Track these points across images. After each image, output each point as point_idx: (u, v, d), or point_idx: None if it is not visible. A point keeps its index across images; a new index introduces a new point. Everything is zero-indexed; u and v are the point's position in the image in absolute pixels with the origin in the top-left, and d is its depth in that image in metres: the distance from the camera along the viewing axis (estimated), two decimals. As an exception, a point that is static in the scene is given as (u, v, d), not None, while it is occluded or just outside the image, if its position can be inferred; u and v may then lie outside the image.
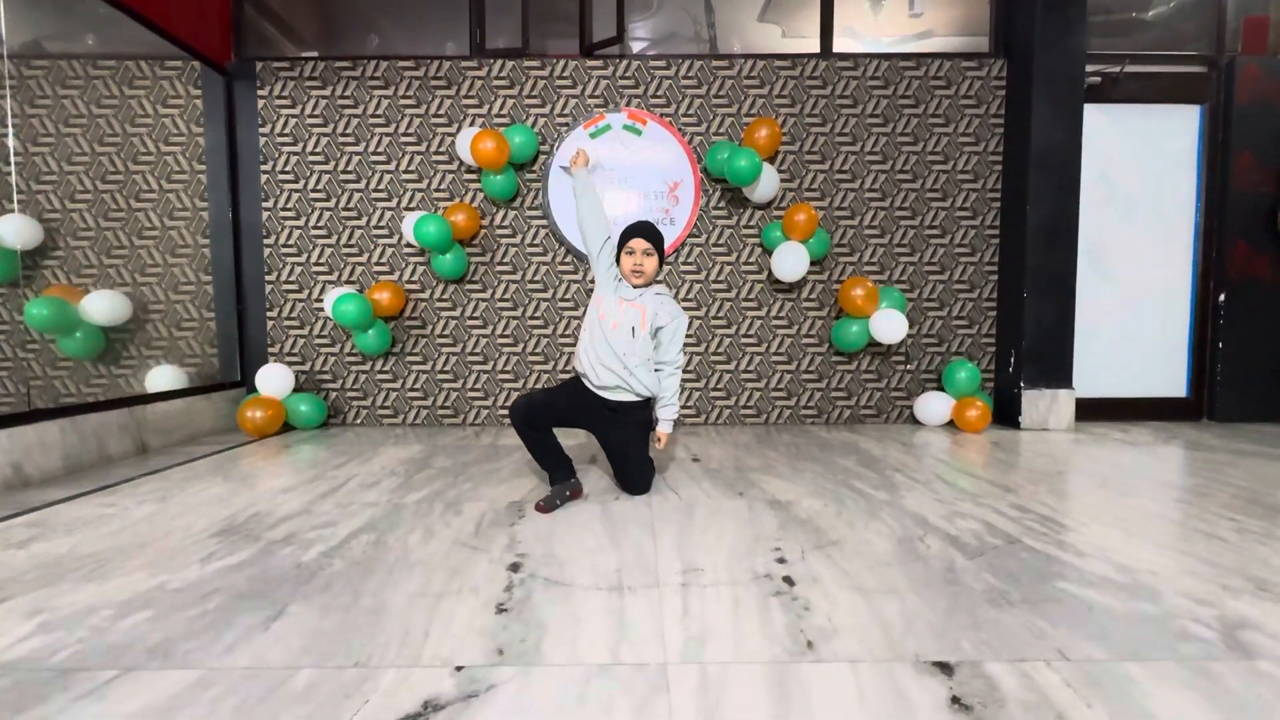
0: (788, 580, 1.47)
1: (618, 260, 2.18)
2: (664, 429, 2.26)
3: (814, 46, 3.69)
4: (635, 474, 2.18)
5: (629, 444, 2.17)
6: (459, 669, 1.10)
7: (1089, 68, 3.58)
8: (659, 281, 2.18)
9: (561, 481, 2.11)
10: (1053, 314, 3.48)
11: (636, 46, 3.89)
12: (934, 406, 3.54)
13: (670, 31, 4.29)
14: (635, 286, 2.15)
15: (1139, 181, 3.76)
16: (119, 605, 1.36)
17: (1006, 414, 3.60)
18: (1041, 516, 1.94)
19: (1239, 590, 1.42)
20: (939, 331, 3.70)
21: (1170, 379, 3.82)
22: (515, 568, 1.56)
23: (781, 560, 1.59)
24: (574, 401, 2.16)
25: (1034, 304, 3.47)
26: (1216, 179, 3.71)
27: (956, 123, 3.62)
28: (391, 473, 2.53)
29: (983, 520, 1.90)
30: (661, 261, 2.18)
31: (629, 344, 2.10)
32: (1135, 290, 3.79)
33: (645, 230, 2.14)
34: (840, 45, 3.71)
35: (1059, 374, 3.50)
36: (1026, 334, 3.48)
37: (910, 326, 3.64)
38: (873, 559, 1.60)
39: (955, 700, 1.01)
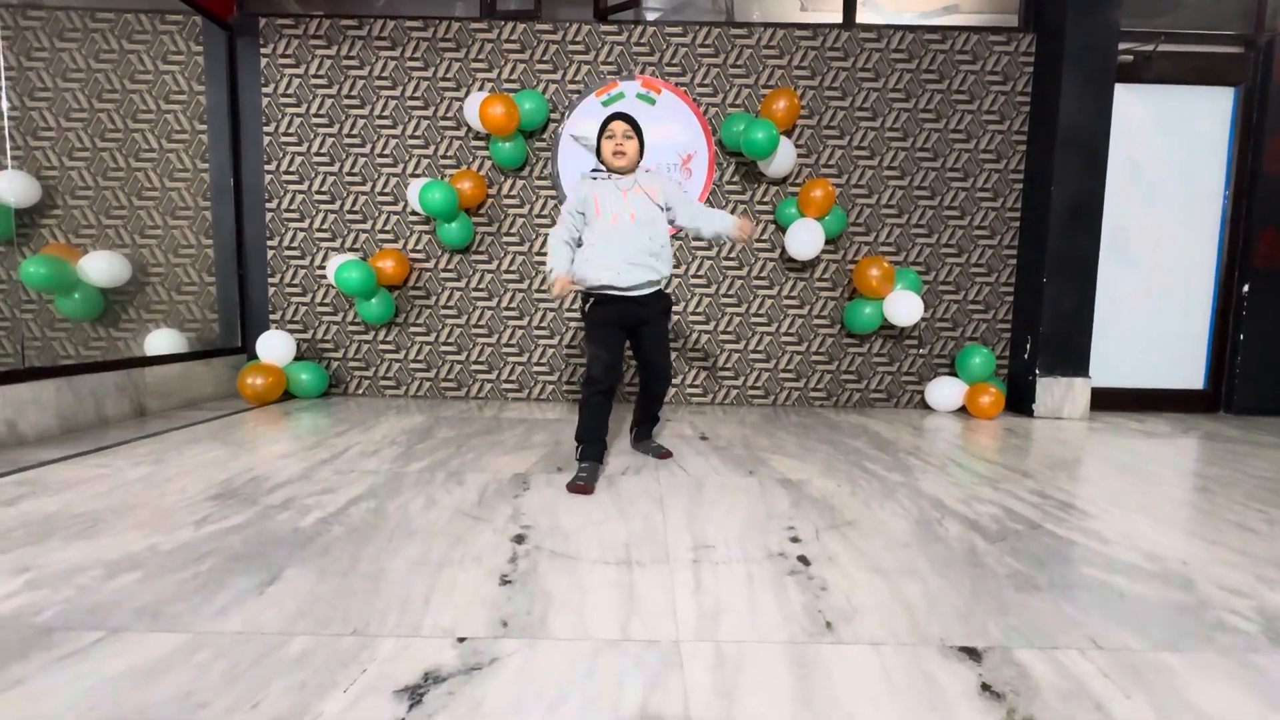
0: (803, 559, 1.41)
1: (599, 152, 2.14)
2: (733, 230, 2.14)
3: (834, 19, 3.56)
4: (663, 357, 2.19)
5: (660, 335, 2.17)
6: (461, 640, 1.05)
7: (1121, 45, 3.45)
8: (640, 168, 2.19)
9: (595, 460, 2.03)
10: (1072, 300, 3.39)
11: (651, 15, 3.76)
12: (946, 392, 3.47)
13: (685, 1, 4.16)
14: (618, 170, 2.10)
15: (1166, 165, 3.64)
16: (108, 565, 1.31)
17: (1020, 401, 3.52)
18: (1062, 503, 1.88)
19: (1276, 582, 1.36)
20: (954, 315, 3.62)
21: (1188, 370, 3.74)
22: (519, 539, 1.50)
23: (795, 539, 1.53)
24: (614, 324, 2.10)
25: (1053, 289, 3.38)
26: (1247, 164, 3.59)
27: (981, 99, 3.50)
28: (393, 442, 2.48)
29: (1002, 505, 1.84)
30: (642, 148, 2.15)
31: (651, 228, 2.07)
32: (1156, 277, 3.69)
33: (625, 115, 2.12)
34: (862, 17, 3.57)
35: (1076, 362, 3.42)
36: (1044, 320, 3.39)
37: (925, 309, 3.55)
38: (891, 539, 1.55)
39: (985, 687, 0.96)
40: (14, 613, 1.11)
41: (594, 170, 2.19)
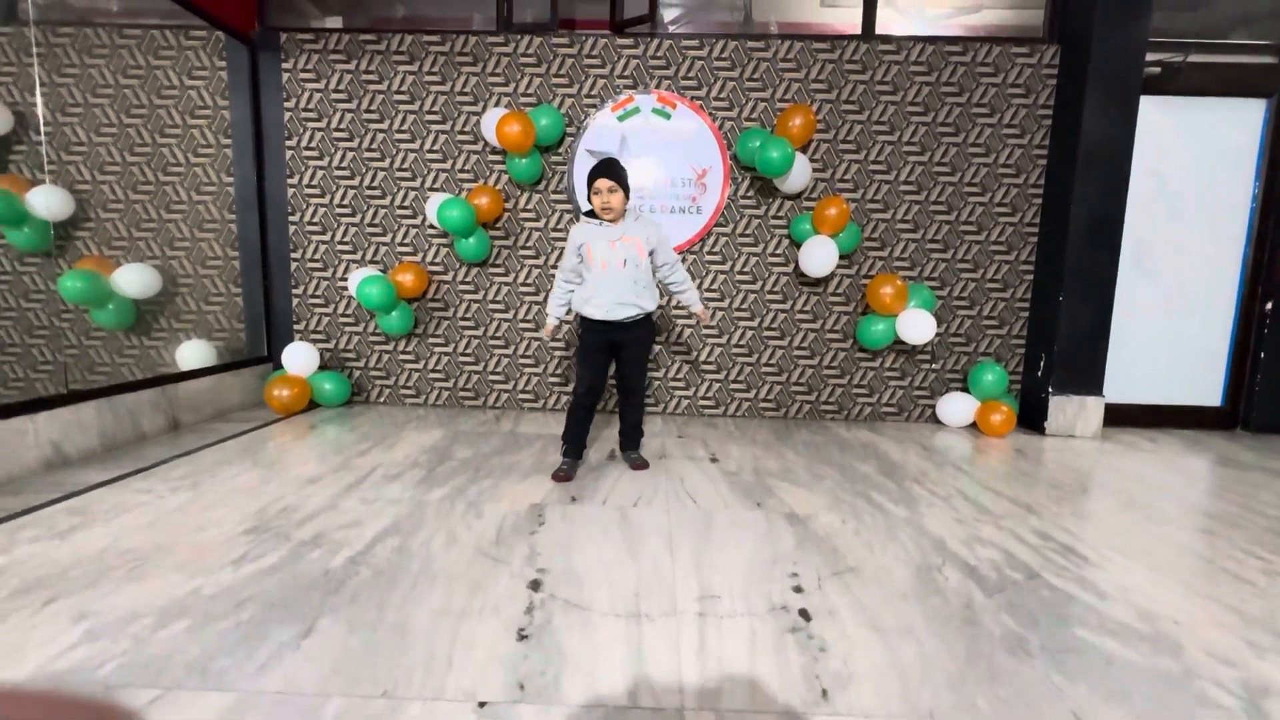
0: (804, 614, 1.48)
1: (588, 199, 2.40)
2: (698, 309, 2.61)
3: (854, 16, 3.51)
4: (637, 379, 2.53)
5: (638, 356, 2.49)
6: (482, 705, 1.14)
7: (1149, 56, 3.37)
8: (629, 211, 2.45)
9: (576, 457, 2.53)
10: (1089, 318, 3.38)
11: (669, 14, 3.74)
12: (957, 408, 3.50)
13: (704, 2, 4.12)
14: (608, 222, 2.37)
15: (1191, 178, 3.57)
16: (158, 612, 1.41)
17: (1032, 417, 3.53)
18: (1063, 546, 1.92)
19: (1265, 649, 1.40)
20: (968, 331, 3.62)
21: (1206, 386, 3.72)
22: (535, 585, 1.59)
23: (798, 589, 1.60)
24: (598, 347, 2.45)
25: (1070, 307, 3.36)
26: (1277, 179, 3.51)
27: (1002, 112, 3.46)
28: (414, 463, 2.58)
29: (1003, 548, 1.89)
30: (627, 194, 2.38)
31: (636, 272, 2.37)
32: (1177, 291, 3.65)
33: (607, 170, 2.34)
34: (882, 17, 3.51)
35: (1090, 380, 3.41)
36: (1059, 338, 3.39)
37: (938, 324, 3.56)
38: (890, 590, 1.61)
39: (969, 766, 1.02)
40: (77, 666, 1.22)
41: (587, 215, 2.39)
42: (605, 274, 2.38)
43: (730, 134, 3.51)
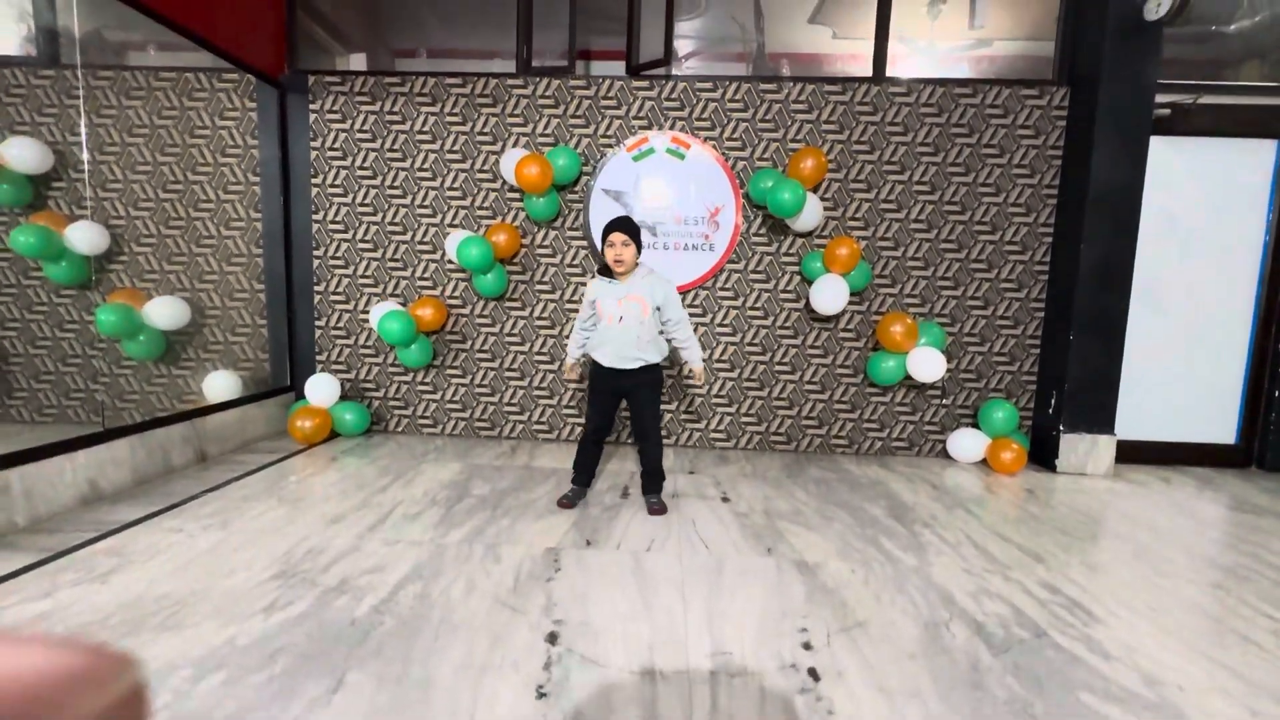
0: (813, 673, 1.53)
1: (602, 251, 2.53)
2: (696, 367, 2.65)
3: (866, 49, 3.58)
4: (649, 423, 2.60)
5: (646, 402, 2.59)
6: (504, 769, 1.19)
7: (1159, 98, 3.41)
8: (640, 266, 2.58)
9: (583, 485, 2.73)
10: (1100, 356, 3.40)
11: (683, 47, 3.84)
12: (968, 444, 3.52)
13: (718, 36, 4.22)
14: (618, 279, 2.51)
15: (1203, 218, 3.60)
16: (195, 663, 1.49)
17: (1043, 455, 3.55)
18: (1071, 600, 1.95)
19: (1267, 718, 1.42)
20: (978, 367, 3.65)
21: (1219, 424, 3.71)
22: (553, 638, 1.65)
23: (808, 645, 1.65)
24: (608, 391, 2.61)
25: (1081, 345, 3.39)
26: (1289, 219, 3.53)
27: (1011, 153, 3.51)
28: (433, 500, 2.65)
29: (1010, 602, 1.92)
30: (639, 248, 2.51)
31: (639, 329, 2.50)
32: (1188, 330, 3.66)
33: (621, 225, 2.47)
34: (894, 51, 3.58)
35: (1101, 418, 3.43)
36: (1070, 375, 3.41)
37: (949, 360, 3.59)
38: (898, 648, 1.65)
39: (971, 843, 1.06)
40: (124, 720, 1.30)
41: (601, 272, 2.58)
42: (611, 328, 2.53)
43: (743, 173, 3.59)
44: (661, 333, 2.60)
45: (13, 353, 3.55)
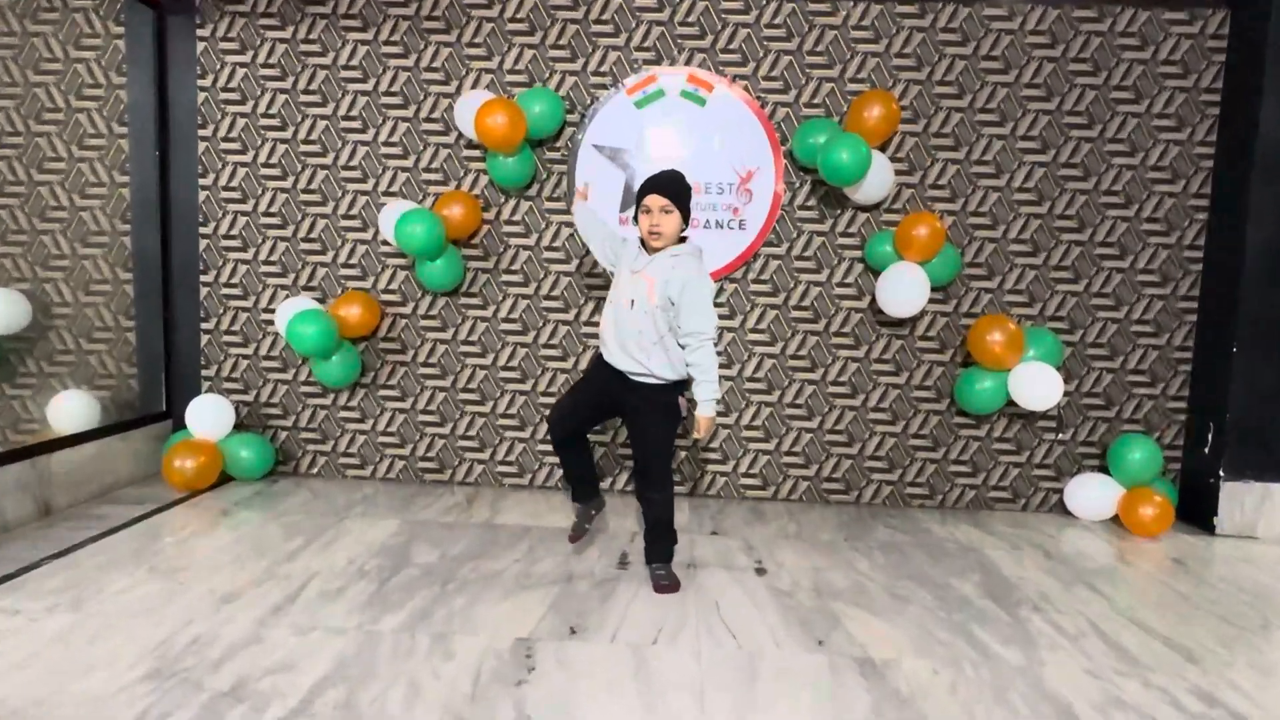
0: (881, 817, 1.54)
1: (635, 220, 2.60)
2: (702, 412, 2.55)
3: None
4: (650, 459, 2.62)
5: (647, 429, 2.63)
6: None
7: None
8: (683, 240, 2.63)
9: (585, 501, 2.88)
10: (1273, 376, 3.43)
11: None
12: (1093, 495, 3.55)
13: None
14: (654, 250, 2.56)
15: None
16: (40, 798, 1.51)
17: (1196, 511, 3.57)
18: (1235, 716, 1.96)
19: None
20: (1107, 390, 3.68)
21: None
22: (525, 765, 1.66)
23: (873, 777, 1.66)
24: (598, 387, 2.71)
25: (1246, 360, 3.42)
26: None
27: (1150, 99, 3.56)
28: (360, 571, 2.67)
29: (1153, 718, 1.93)
30: (686, 217, 2.58)
31: (643, 322, 2.52)
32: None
33: (663, 183, 2.53)
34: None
35: (1276, 461, 3.45)
36: (1233, 402, 3.44)
37: (1067, 382, 3.62)
38: (996, 782, 1.66)
39: None
40: None
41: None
42: (617, 307, 2.60)
43: (785, 125, 3.63)
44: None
45: None
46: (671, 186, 2.52)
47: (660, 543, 2.69)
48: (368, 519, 3.26)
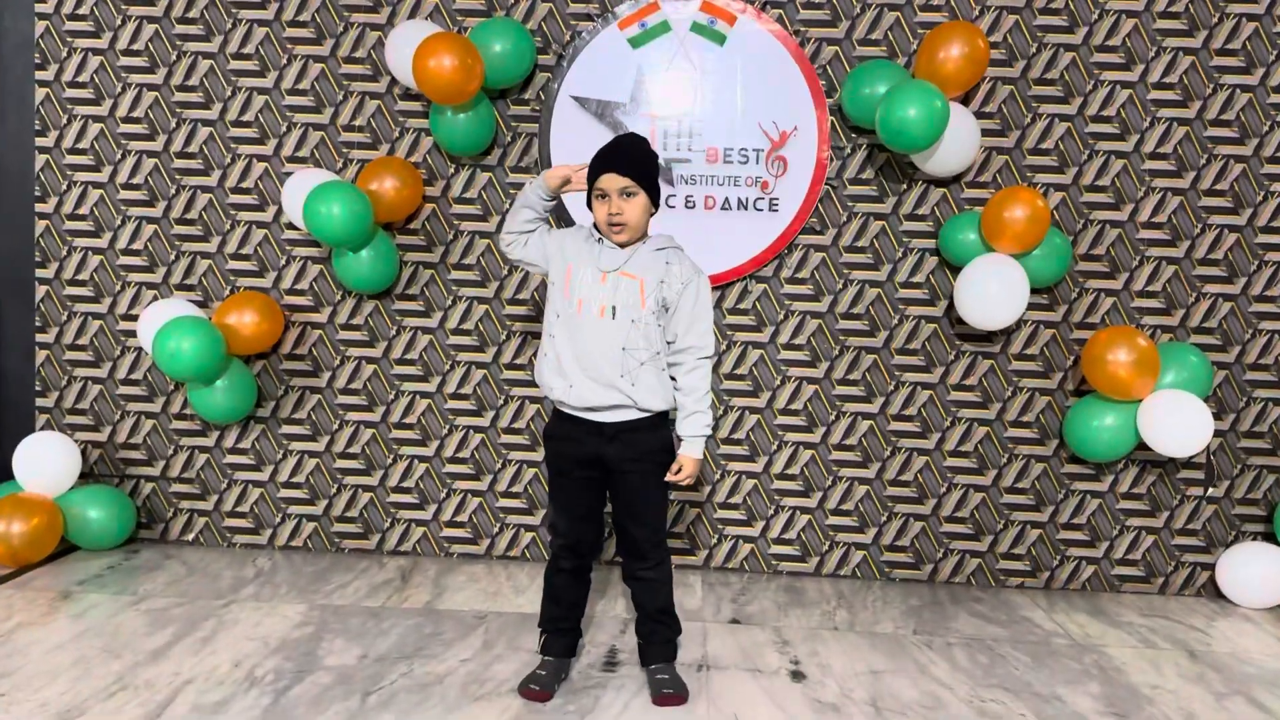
0: None
1: (589, 205, 2.58)
2: (689, 452, 2.59)
3: None
4: (646, 529, 2.61)
5: (638, 490, 2.59)
6: None
7: None
8: (655, 235, 2.63)
9: (558, 655, 2.68)
10: None
11: None
12: (1258, 573, 3.52)
13: None
14: (617, 245, 2.53)
15: None
16: None
17: (1396, 593, 3.55)
18: None
19: None
20: (1275, 429, 3.66)
21: None
22: None
23: None
24: (583, 479, 2.61)
25: None
26: None
27: (1333, 31, 3.57)
28: (249, 680, 2.64)
29: None
30: (655, 198, 2.57)
31: (632, 334, 2.49)
32: None
33: (621, 156, 2.49)
34: None
35: None
36: None
37: (1219, 417, 3.60)
38: None
39: None
40: None
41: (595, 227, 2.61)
42: (581, 320, 2.52)
43: (833, 69, 3.64)
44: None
45: None
46: (634, 160, 2.49)
47: (660, 637, 2.67)
48: (262, 604, 3.23)
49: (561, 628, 2.68)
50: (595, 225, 2.58)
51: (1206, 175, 3.62)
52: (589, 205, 2.57)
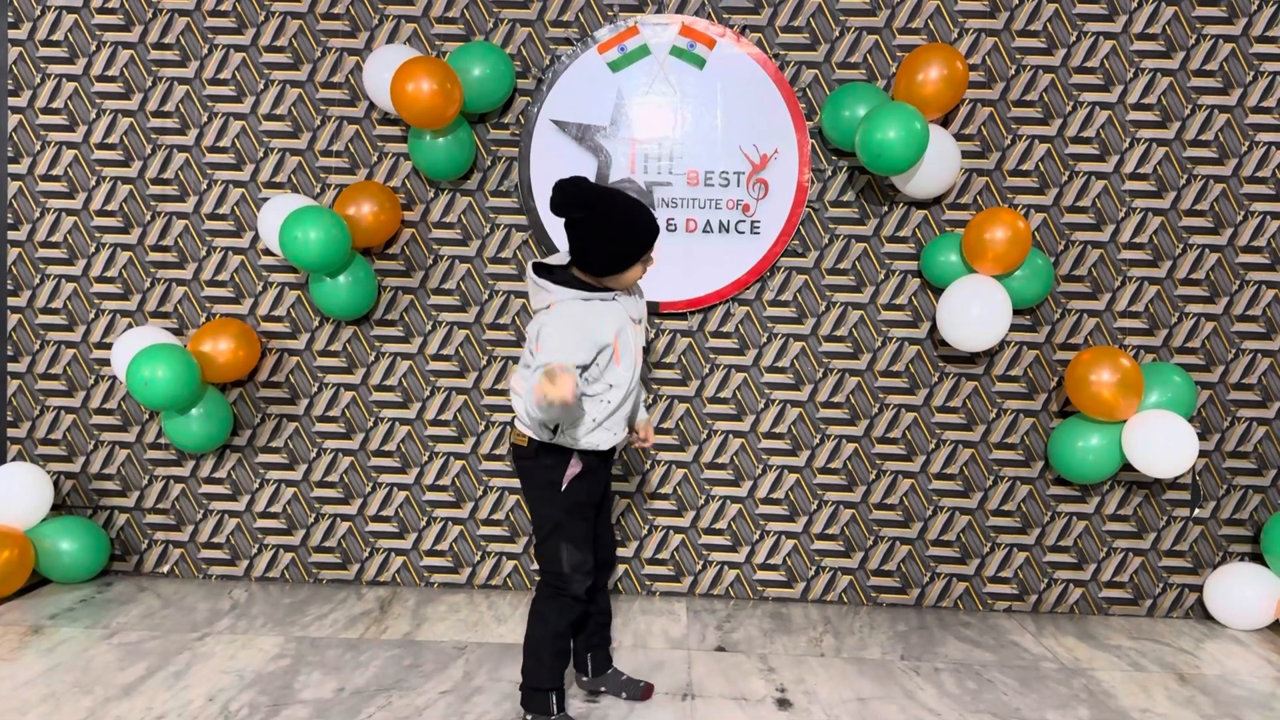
0: None
1: (616, 266, 2.51)
2: (643, 419, 2.81)
3: None
4: (611, 537, 2.84)
5: (611, 498, 2.83)
6: None
7: None
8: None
9: (599, 672, 2.79)
10: None
11: None
12: (1245, 594, 3.53)
13: None
14: (620, 293, 2.59)
15: None
16: None
17: (1384, 613, 3.55)
18: None
19: None
20: (1260, 449, 3.68)
21: None
22: None
23: None
24: (600, 493, 2.68)
25: None
26: None
27: (1308, 52, 3.62)
28: (224, 715, 2.60)
29: None
30: None
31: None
32: None
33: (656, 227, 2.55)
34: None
35: None
36: None
37: (1204, 437, 3.62)
38: None
39: None
40: None
41: (574, 285, 2.50)
42: (634, 375, 2.55)
43: (813, 92, 3.66)
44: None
45: None
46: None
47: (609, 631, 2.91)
48: (238, 636, 3.20)
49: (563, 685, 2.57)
50: (590, 284, 2.50)
51: (1186, 195, 3.65)
52: (616, 262, 2.46)
